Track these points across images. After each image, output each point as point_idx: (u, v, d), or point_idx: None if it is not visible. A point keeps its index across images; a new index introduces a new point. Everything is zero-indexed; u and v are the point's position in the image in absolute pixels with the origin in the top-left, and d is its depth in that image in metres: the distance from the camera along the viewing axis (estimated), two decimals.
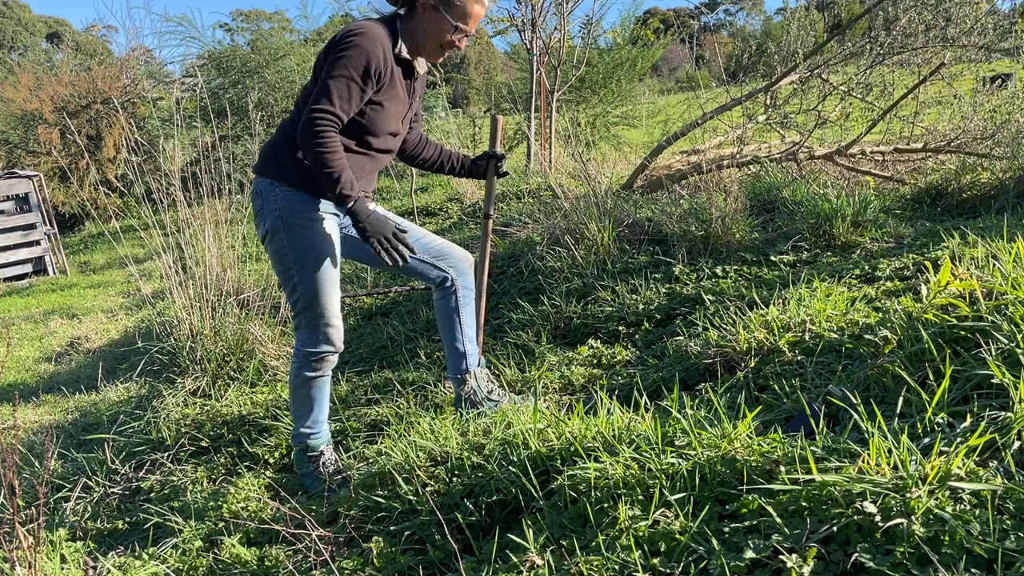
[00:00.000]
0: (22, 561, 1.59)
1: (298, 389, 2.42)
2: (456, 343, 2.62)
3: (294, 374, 2.41)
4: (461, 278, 2.61)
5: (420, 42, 2.31)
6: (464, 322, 2.62)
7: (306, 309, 2.33)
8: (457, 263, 2.61)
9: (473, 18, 2.31)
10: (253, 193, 2.37)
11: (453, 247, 2.63)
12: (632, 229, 4.01)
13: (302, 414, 2.45)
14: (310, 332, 2.35)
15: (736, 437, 1.60)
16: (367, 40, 2.15)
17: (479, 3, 2.30)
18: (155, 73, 12.59)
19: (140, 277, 4.54)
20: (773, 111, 5.88)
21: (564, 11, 8.64)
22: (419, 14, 2.29)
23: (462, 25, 2.28)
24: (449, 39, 2.30)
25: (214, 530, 2.19)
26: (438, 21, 2.27)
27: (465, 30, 2.30)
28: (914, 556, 1.22)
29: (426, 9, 2.28)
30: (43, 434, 3.48)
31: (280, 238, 2.28)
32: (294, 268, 2.30)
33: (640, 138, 10.91)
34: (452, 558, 1.69)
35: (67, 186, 11.00)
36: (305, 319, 2.34)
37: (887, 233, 3.60)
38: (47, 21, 53.88)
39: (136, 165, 4.56)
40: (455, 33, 2.29)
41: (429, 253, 2.57)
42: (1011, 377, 1.58)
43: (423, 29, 2.29)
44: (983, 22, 5.32)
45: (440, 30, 2.28)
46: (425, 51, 2.34)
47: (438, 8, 2.26)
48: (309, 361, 2.37)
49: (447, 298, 2.61)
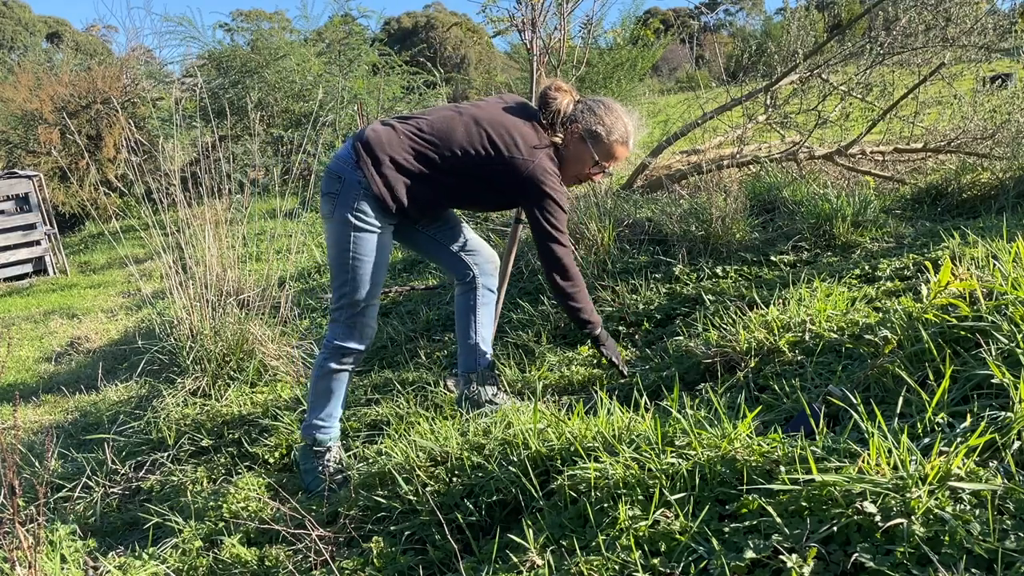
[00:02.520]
0: (22, 561, 1.59)
1: (320, 380, 2.45)
2: (469, 340, 2.63)
3: (319, 364, 2.45)
4: (484, 278, 2.64)
5: (563, 166, 2.40)
6: (480, 321, 2.64)
7: (350, 305, 2.38)
8: (484, 263, 2.64)
9: (615, 159, 2.41)
10: (333, 173, 2.35)
11: (484, 246, 2.67)
12: (632, 229, 4.01)
13: (318, 405, 2.47)
14: (347, 327, 2.40)
15: (736, 437, 1.59)
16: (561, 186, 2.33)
17: (623, 146, 2.41)
18: (155, 73, 12.58)
19: (140, 277, 4.55)
20: (773, 111, 5.88)
21: (564, 11, 8.63)
22: (566, 141, 2.37)
23: (604, 162, 2.38)
24: (588, 172, 2.41)
25: (214, 530, 2.19)
26: (583, 153, 2.37)
27: (605, 167, 2.40)
28: (914, 556, 1.22)
29: (574, 138, 2.36)
30: (43, 434, 3.48)
31: (347, 233, 2.32)
32: (351, 264, 2.34)
33: (640, 138, 10.90)
34: (452, 558, 1.69)
35: (67, 186, 10.99)
36: (346, 314, 2.39)
37: (887, 233, 3.60)
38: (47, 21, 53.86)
39: (136, 165, 4.56)
40: (594, 168, 2.39)
41: (462, 247, 2.61)
42: (1011, 377, 1.58)
43: (567, 157, 2.39)
44: (983, 22, 5.32)
45: (582, 162, 2.39)
46: (563, 177, 2.41)
47: (585, 141, 2.35)
48: (339, 354, 2.41)
49: (467, 295, 2.64)
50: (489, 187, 2.35)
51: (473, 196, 2.44)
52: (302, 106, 11.03)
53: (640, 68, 11.26)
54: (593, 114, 2.37)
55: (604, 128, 2.36)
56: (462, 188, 2.37)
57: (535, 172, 2.27)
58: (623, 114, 2.41)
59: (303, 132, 9.65)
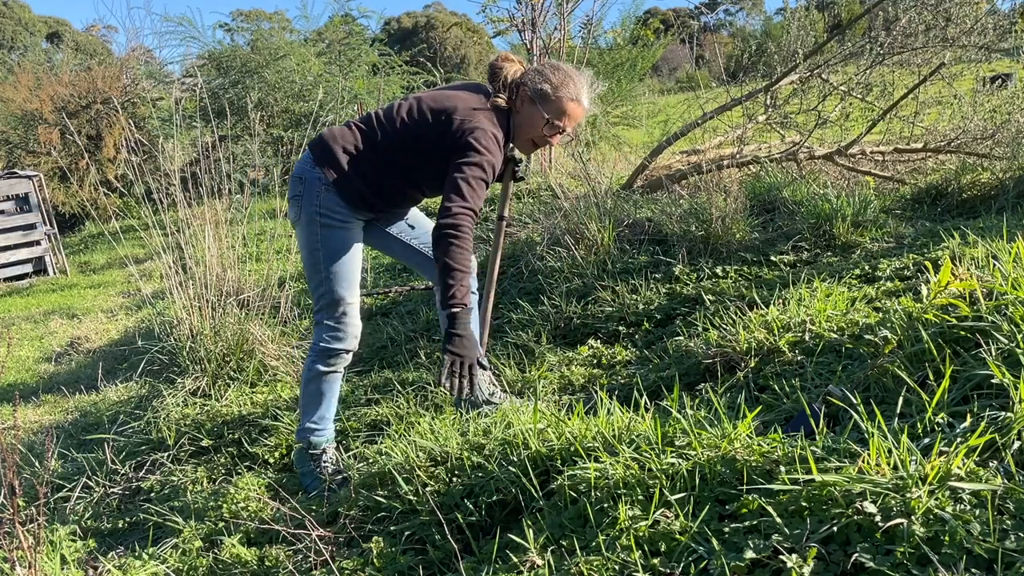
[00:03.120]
0: (22, 561, 1.59)
1: (310, 383, 2.44)
2: None
3: (307, 368, 2.44)
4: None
5: (516, 132, 2.37)
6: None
7: (329, 305, 2.37)
8: None
9: (568, 117, 2.34)
10: (295, 175, 2.37)
11: None
12: (632, 229, 4.01)
13: (310, 409, 2.46)
14: (330, 329, 2.39)
15: (736, 437, 1.59)
16: (496, 148, 2.23)
17: (575, 102, 2.33)
18: (155, 73, 12.58)
19: (140, 277, 4.55)
20: (773, 111, 5.88)
21: (564, 11, 8.63)
22: (517, 107, 2.34)
23: (556, 121, 2.32)
24: (541, 134, 2.35)
25: (214, 530, 2.19)
26: (533, 115, 2.32)
27: (559, 126, 2.33)
28: (914, 556, 1.22)
29: (524, 102, 2.32)
30: (43, 434, 3.48)
31: (315, 232, 2.31)
32: (323, 264, 2.34)
33: (640, 138, 10.90)
34: (452, 558, 1.69)
35: (67, 186, 10.99)
36: (327, 315, 2.39)
37: (887, 233, 3.60)
38: (47, 21, 53.85)
39: (136, 165, 4.55)
40: (547, 128, 2.33)
41: None
42: (1011, 377, 1.58)
43: (518, 122, 2.35)
44: (983, 22, 5.32)
45: (533, 124, 2.34)
46: (518, 142, 2.39)
47: (534, 102, 2.31)
48: (325, 357, 2.41)
49: None
50: (431, 158, 2.29)
51: (423, 171, 2.36)
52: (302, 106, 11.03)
53: (640, 68, 11.24)
54: (540, 75, 2.33)
55: (551, 86, 2.31)
56: (409, 163, 2.32)
57: (468, 127, 2.22)
58: (572, 72, 2.36)
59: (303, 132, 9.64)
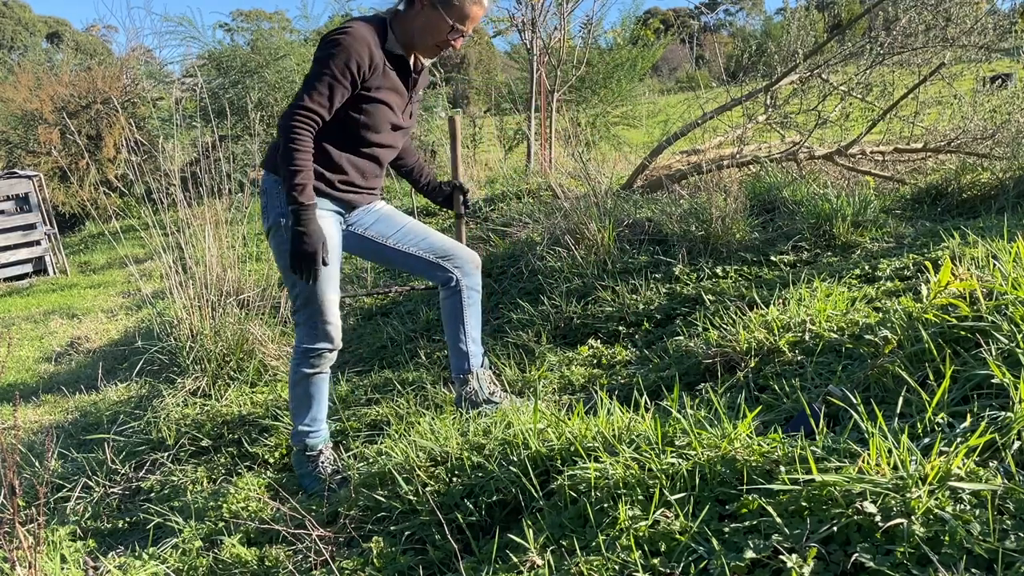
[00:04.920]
0: (22, 561, 1.59)
1: (297, 386, 2.43)
2: (460, 343, 2.61)
3: (293, 371, 2.43)
4: (467, 279, 2.60)
5: (416, 39, 2.32)
6: (468, 323, 2.61)
7: (305, 305, 2.35)
8: (463, 263, 2.60)
9: (471, 19, 2.31)
10: (260, 191, 2.39)
11: (459, 247, 2.63)
12: (632, 229, 4.01)
13: (301, 412, 2.46)
14: (309, 329, 2.37)
15: (736, 437, 1.60)
16: (351, 39, 2.17)
17: (478, 4, 2.30)
18: (155, 73, 12.57)
19: (140, 277, 4.55)
20: (773, 111, 5.88)
21: (564, 11, 8.64)
22: (416, 10, 2.29)
23: (459, 25, 2.29)
24: (445, 39, 2.31)
25: (214, 530, 2.19)
26: (435, 20, 2.28)
27: (462, 30, 2.30)
28: (914, 556, 1.22)
29: (424, 6, 2.28)
30: (43, 434, 3.48)
31: (282, 234, 2.30)
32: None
33: (640, 138, 10.91)
34: (452, 558, 1.69)
35: (67, 186, 10.99)
36: (304, 315, 2.36)
37: (887, 233, 3.60)
38: (47, 21, 53.87)
39: (136, 165, 4.56)
40: (452, 33, 2.29)
41: (435, 253, 2.56)
42: (1011, 377, 1.58)
43: (419, 26, 2.30)
44: (983, 22, 5.32)
45: (437, 29, 2.29)
46: (420, 48, 2.35)
47: (436, 6, 2.27)
48: (308, 358, 2.39)
49: (452, 298, 2.60)
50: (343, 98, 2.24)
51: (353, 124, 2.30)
52: None
53: (640, 68, 11.24)
54: None
55: None
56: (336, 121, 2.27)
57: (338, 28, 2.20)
58: None
59: None
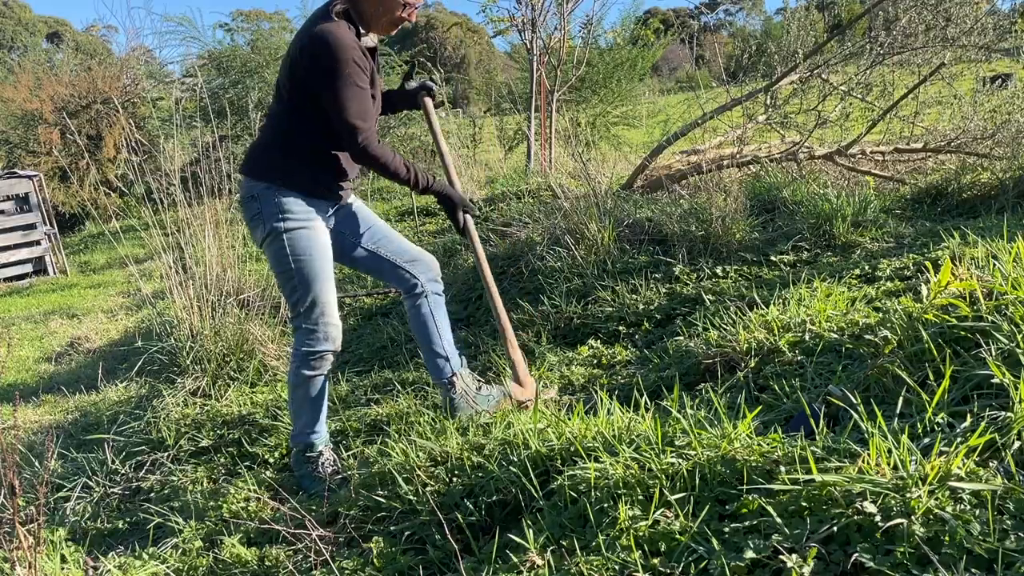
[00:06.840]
0: (22, 561, 1.59)
1: (297, 388, 2.42)
2: (435, 347, 2.57)
3: (293, 373, 2.42)
4: (431, 284, 2.59)
5: (371, 21, 2.35)
6: (440, 325, 2.58)
7: (307, 309, 2.35)
8: (427, 268, 2.60)
9: None
10: (246, 197, 2.35)
11: (423, 252, 2.63)
12: (632, 229, 4.01)
13: (301, 414, 2.45)
14: (309, 331, 2.37)
15: (736, 437, 1.60)
16: (350, 51, 2.21)
17: None
18: (155, 73, 12.56)
19: (140, 277, 4.54)
20: (773, 111, 5.88)
21: (564, 11, 8.64)
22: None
23: (410, 1, 2.33)
24: (399, 15, 2.35)
25: (214, 530, 2.19)
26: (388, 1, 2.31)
27: (413, 4, 2.35)
28: (914, 556, 1.22)
29: None
30: (43, 434, 3.48)
31: (280, 241, 2.29)
32: (294, 269, 2.31)
33: (640, 138, 10.90)
34: (452, 558, 1.69)
35: (67, 186, 10.98)
36: (305, 319, 2.36)
37: (887, 233, 3.60)
38: (47, 21, 53.85)
39: (136, 165, 4.55)
40: (404, 9, 2.34)
41: (402, 257, 2.56)
42: (1011, 377, 1.58)
43: (374, 11, 2.33)
44: (983, 22, 5.32)
45: (393, 7, 2.33)
46: (376, 27, 2.38)
47: None
48: (308, 360, 2.38)
49: (419, 305, 2.58)
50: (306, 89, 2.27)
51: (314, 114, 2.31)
52: None
53: (640, 68, 11.24)
54: None
55: None
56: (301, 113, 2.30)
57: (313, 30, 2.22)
58: None
59: None
